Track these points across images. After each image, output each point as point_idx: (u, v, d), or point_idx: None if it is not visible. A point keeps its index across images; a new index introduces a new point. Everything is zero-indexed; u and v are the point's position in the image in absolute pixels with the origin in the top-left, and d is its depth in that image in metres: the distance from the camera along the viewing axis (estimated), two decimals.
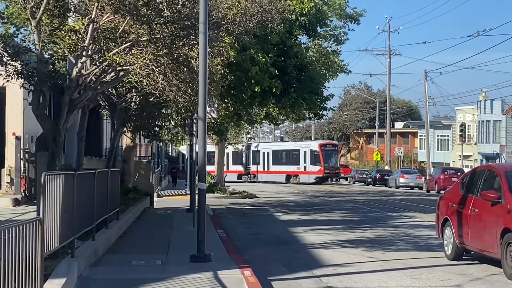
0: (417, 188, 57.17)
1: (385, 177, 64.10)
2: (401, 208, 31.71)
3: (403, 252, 16.09)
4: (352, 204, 34.52)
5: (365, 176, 72.43)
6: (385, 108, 79.63)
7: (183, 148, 61.31)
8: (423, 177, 59.00)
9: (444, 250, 14.82)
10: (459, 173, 52.18)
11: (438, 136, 79.11)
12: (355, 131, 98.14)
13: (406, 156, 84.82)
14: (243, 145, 69.19)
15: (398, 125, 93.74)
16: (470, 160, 68.78)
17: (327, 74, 34.25)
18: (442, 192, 50.50)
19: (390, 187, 59.67)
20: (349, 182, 74.24)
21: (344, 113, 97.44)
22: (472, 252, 14.13)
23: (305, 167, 67.68)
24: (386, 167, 73.60)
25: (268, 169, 71.13)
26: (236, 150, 68.75)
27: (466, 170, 56.64)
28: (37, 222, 8.35)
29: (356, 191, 51.04)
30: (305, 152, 67.98)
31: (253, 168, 73.32)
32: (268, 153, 71.29)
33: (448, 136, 77.93)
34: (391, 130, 79.57)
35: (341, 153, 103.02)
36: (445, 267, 13.67)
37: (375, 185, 64.86)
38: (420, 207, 31.82)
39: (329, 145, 70.59)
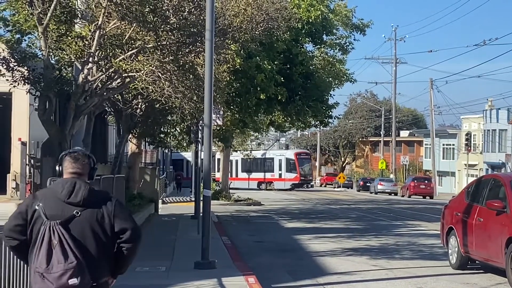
0: (393, 194, 63.44)
1: (367, 184, 71.33)
2: (405, 216, 31.65)
3: (408, 261, 16.06)
4: (356, 212, 34.47)
5: (347, 181, 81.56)
6: (390, 116, 79.58)
7: (188, 155, 61.28)
8: (397, 184, 67.52)
9: (449, 259, 14.79)
10: (426, 181, 59.81)
11: (443, 145, 79.01)
12: (360, 139, 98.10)
13: (412, 165, 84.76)
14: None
15: (404, 134, 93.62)
16: (476, 169, 68.60)
17: (333, 82, 34.23)
18: (413, 197, 53.62)
19: (371, 193, 65.66)
20: (334, 187, 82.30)
21: (350, 121, 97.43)
22: (476, 261, 14.10)
23: (280, 174, 69.73)
24: (391, 176, 73.72)
25: (237, 176, 71.87)
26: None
27: (467, 179, 56.69)
28: None
29: (361, 199, 51.01)
30: (280, 160, 70.06)
31: (217, 175, 74.52)
32: (236, 161, 72.13)
33: (453, 145, 77.82)
34: (397, 139, 79.56)
35: (346, 161, 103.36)
36: (450, 276, 13.65)
37: (359, 191, 71.88)
38: (425, 216, 31.74)
39: (304, 153, 73.98)
